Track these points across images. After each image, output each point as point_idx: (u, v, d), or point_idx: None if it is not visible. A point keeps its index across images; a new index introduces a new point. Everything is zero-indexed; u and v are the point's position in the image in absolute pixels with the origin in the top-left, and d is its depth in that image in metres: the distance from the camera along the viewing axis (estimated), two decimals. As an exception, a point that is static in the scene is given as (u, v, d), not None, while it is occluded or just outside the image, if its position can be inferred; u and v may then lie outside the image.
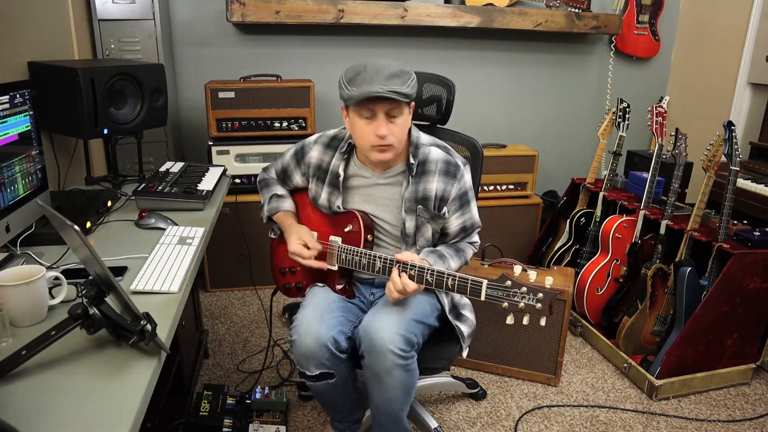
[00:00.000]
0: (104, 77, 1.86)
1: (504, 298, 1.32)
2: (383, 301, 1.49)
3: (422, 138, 1.56)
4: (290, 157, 1.68)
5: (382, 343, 1.36)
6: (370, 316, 1.44)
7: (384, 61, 1.39)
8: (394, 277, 1.41)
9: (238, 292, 2.93)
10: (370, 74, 1.36)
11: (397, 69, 1.38)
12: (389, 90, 1.35)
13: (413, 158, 1.51)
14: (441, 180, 1.51)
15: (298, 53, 3.08)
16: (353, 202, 1.60)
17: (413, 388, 1.49)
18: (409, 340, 1.39)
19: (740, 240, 2.13)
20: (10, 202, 1.36)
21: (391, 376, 1.39)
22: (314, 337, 1.43)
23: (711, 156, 2.19)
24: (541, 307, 1.29)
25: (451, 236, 1.58)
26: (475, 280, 1.34)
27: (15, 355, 0.93)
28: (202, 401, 1.87)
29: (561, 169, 3.57)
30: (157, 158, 2.69)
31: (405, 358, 1.38)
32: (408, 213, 1.53)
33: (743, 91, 3.10)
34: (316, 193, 1.63)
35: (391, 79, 1.36)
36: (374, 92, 1.34)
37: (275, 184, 1.74)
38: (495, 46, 3.32)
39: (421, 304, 1.49)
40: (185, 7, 2.90)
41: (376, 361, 1.39)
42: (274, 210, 1.68)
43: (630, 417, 2.08)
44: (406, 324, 1.40)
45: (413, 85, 1.41)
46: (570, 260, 2.79)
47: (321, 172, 1.61)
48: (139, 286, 1.23)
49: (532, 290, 1.30)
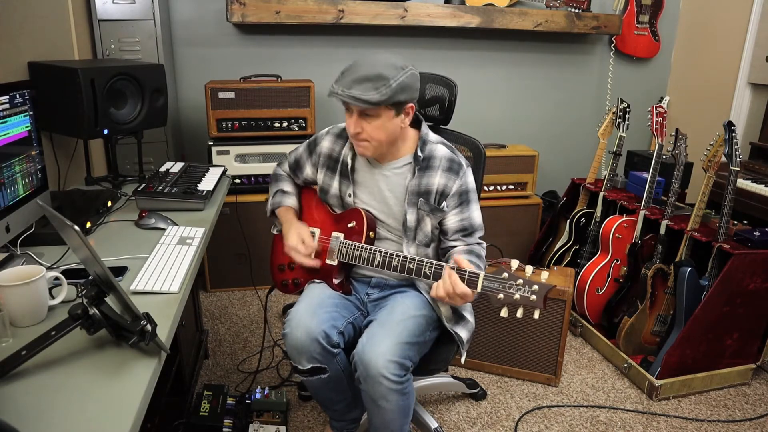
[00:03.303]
0: (104, 77, 1.86)
1: (499, 289, 1.33)
2: (378, 322, 1.49)
3: (431, 136, 1.59)
4: (304, 149, 1.72)
5: (376, 370, 1.38)
6: (365, 341, 1.44)
7: (374, 60, 1.40)
8: (445, 276, 1.38)
9: (238, 292, 2.93)
10: (349, 72, 1.39)
11: (375, 72, 1.37)
12: (348, 95, 1.37)
13: (420, 152, 1.53)
14: (443, 175, 1.54)
15: (298, 53, 3.08)
16: (360, 192, 1.61)
17: (410, 408, 1.51)
18: (403, 365, 1.40)
19: (740, 240, 2.13)
20: (10, 203, 1.36)
21: (387, 401, 1.42)
22: (305, 330, 1.45)
23: (711, 156, 2.19)
24: (535, 299, 1.30)
25: (450, 233, 1.57)
26: (473, 272, 1.35)
27: (15, 355, 0.93)
28: (202, 401, 1.87)
29: (561, 169, 3.57)
30: (157, 158, 2.69)
31: (400, 383, 1.40)
32: (410, 206, 1.55)
33: (743, 91, 3.10)
34: (326, 184, 1.65)
35: (360, 83, 1.36)
36: (333, 92, 1.39)
37: (285, 179, 1.77)
38: (495, 47, 3.32)
39: (416, 320, 1.49)
40: (185, 7, 2.90)
41: (372, 388, 1.41)
42: (277, 204, 1.72)
43: (630, 417, 2.08)
44: (399, 350, 1.40)
45: (388, 92, 1.37)
46: (570, 260, 2.79)
47: (331, 161, 1.63)
48: (139, 286, 1.23)
49: (528, 282, 1.31)
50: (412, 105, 1.48)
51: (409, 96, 1.44)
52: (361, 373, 1.42)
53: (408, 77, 1.41)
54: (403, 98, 1.42)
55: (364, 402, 1.50)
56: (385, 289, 1.64)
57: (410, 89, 1.43)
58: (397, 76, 1.38)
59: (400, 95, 1.40)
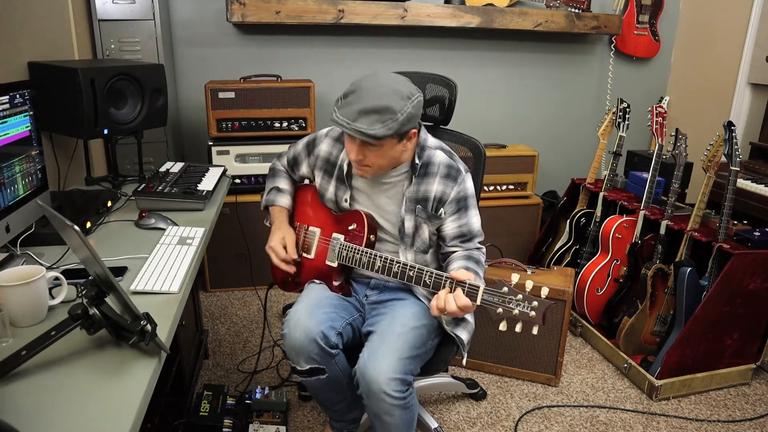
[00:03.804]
0: (104, 77, 1.86)
1: (499, 304, 1.32)
2: (378, 335, 1.48)
3: (429, 141, 1.56)
4: (302, 147, 1.70)
5: (378, 387, 1.38)
6: (366, 357, 1.43)
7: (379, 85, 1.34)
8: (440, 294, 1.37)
9: (238, 292, 2.93)
10: (354, 99, 1.34)
11: (382, 104, 1.31)
12: (353, 128, 1.32)
13: (418, 159, 1.51)
14: (441, 182, 1.52)
15: (298, 53, 3.08)
16: (357, 198, 1.61)
17: (414, 419, 1.51)
18: (405, 380, 1.40)
19: (740, 240, 2.13)
20: (10, 203, 1.35)
21: (391, 416, 1.42)
22: (303, 331, 1.45)
23: (711, 156, 2.19)
24: (534, 316, 1.30)
25: (448, 240, 1.56)
26: (472, 285, 1.34)
27: (15, 355, 0.93)
28: (202, 401, 1.87)
29: (561, 169, 3.57)
30: (157, 158, 2.69)
31: (402, 398, 1.40)
32: (408, 213, 1.54)
33: (743, 91, 3.10)
34: (322, 187, 1.65)
35: (366, 114, 1.31)
36: (337, 122, 1.34)
37: (282, 175, 1.77)
38: (495, 47, 3.32)
39: (416, 332, 1.48)
40: (185, 7, 2.90)
41: (375, 404, 1.41)
42: (270, 202, 1.73)
43: (630, 417, 2.08)
44: (401, 365, 1.40)
45: (395, 126, 1.33)
46: (570, 260, 2.79)
47: (329, 165, 1.62)
48: (139, 286, 1.23)
49: (528, 298, 1.31)
50: (415, 130, 1.45)
51: (414, 124, 1.41)
52: (363, 389, 1.42)
53: (414, 107, 1.36)
54: (408, 128, 1.39)
55: (368, 416, 1.50)
56: (384, 292, 1.64)
57: (415, 118, 1.40)
58: (404, 108, 1.34)
59: (405, 126, 1.37)
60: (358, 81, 1.37)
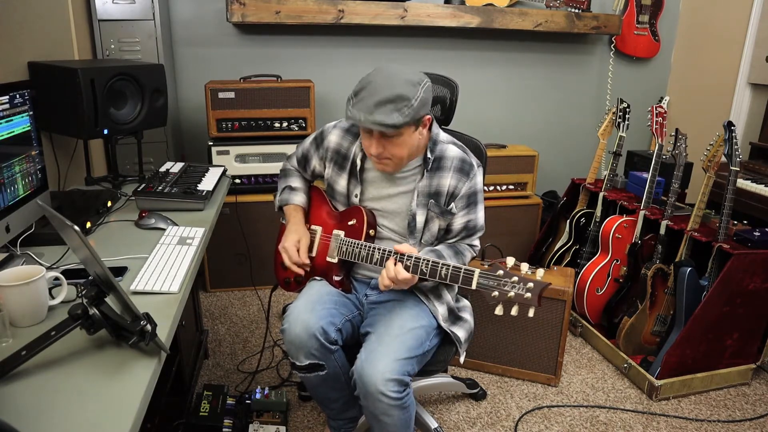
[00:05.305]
0: (104, 77, 1.86)
1: (494, 287, 1.33)
2: (376, 336, 1.48)
3: (441, 135, 1.58)
4: (310, 143, 1.71)
5: (375, 388, 1.38)
6: (363, 358, 1.43)
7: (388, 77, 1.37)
8: (388, 265, 1.43)
9: (238, 292, 2.93)
10: (366, 94, 1.36)
11: (395, 93, 1.34)
12: (371, 121, 1.35)
13: (430, 153, 1.53)
14: (454, 177, 1.54)
15: (298, 53, 3.08)
16: (368, 193, 1.61)
17: (412, 419, 1.51)
18: (402, 381, 1.40)
19: (740, 240, 2.13)
20: (10, 203, 1.36)
21: (389, 416, 1.43)
22: (303, 326, 1.45)
23: (711, 156, 2.19)
24: (530, 297, 1.30)
25: (454, 233, 1.59)
26: (468, 269, 1.36)
27: (15, 355, 0.93)
28: (202, 401, 1.87)
29: (561, 169, 3.57)
30: (157, 158, 2.69)
31: (399, 399, 1.40)
32: (419, 207, 1.55)
33: (743, 91, 3.10)
34: (333, 180, 1.65)
35: (382, 105, 1.34)
36: (354, 118, 1.37)
37: (294, 174, 1.77)
38: (495, 47, 3.32)
39: (414, 333, 1.48)
40: (185, 7, 2.90)
41: (372, 405, 1.41)
42: (285, 202, 1.72)
43: (630, 417, 2.08)
44: (398, 366, 1.40)
45: (411, 113, 1.36)
46: (570, 260, 2.79)
47: (339, 157, 1.63)
48: (139, 286, 1.23)
49: (523, 280, 1.31)
50: (429, 116, 1.48)
51: (427, 110, 1.43)
52: (360, 390, 1.42)
53: (426, 92, 1.40)
54: (422, 114, 1.41)
55: (366, 417, 1.50)
56: (384, 292, 1.64)
57: (428, 103, 1.43)
58: (417, 94, 1.37)
59: (420, 112, 1.39)
60: (367, 77, 1.40)
